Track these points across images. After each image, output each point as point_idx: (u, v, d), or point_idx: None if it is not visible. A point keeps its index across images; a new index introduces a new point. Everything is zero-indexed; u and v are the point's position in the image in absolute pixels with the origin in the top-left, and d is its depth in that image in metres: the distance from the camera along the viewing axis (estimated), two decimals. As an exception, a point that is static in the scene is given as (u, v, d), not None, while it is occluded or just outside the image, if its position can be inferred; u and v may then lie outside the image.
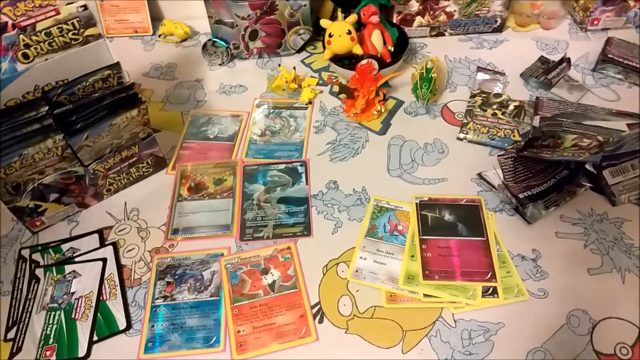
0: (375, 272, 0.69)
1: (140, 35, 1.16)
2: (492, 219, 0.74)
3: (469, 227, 0.71)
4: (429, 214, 0.73)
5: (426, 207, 0.74)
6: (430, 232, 0.71)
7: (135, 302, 0.68)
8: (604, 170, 0.74)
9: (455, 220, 0.72)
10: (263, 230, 0.75)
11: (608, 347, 0.61)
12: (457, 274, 0.66)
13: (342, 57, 0.97)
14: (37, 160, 0.67)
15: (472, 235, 0.70)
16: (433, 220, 0.72)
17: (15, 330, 0.65)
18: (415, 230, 0.72)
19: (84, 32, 0.72)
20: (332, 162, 0.85)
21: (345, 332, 0.64)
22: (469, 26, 1.09)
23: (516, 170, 0.76)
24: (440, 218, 0.73)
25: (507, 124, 0.87)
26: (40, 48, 0.70)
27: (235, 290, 0.68)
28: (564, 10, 1.10)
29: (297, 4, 1.00)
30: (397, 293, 0.66)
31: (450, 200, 0.75)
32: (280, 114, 0.94)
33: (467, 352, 0.61)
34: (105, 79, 0.71)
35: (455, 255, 0.68)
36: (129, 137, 0.76)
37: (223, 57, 1.05)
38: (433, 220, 0.72)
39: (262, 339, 0.63)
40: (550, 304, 0.65)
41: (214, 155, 0.87)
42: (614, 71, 0.97)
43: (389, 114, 0.93)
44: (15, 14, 0.68)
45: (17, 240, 0.76)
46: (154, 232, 0.76)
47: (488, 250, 0.69)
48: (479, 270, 0.67)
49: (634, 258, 0.69)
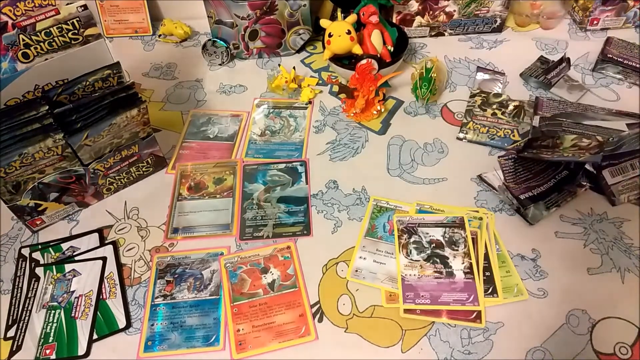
0: (374, 272, 0.69)
1: (140, 35, 1.16)
2: (491, 219, 0.74)
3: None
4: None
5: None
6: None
7: (135, 300, 0.68)
8: (604, 170, 0.74)
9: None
10: (263, 230, 0.75)
11: (607, 346, 0.61)
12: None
13: (342, 57, 0.97)
14: (37, 159, 0.67)
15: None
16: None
17: (15, 329, 0.65)
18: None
19: (84, 32, 0.72)
20: (331, 161, 0.85)
21: (345, 331, 0.64)
22: (468, 26, 1.09)
23: (516, 171, 0.76)
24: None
25: (507, 124, 0.87)
26: (40, 48, 0.70)
27: (235, 289, 0.68)
28: (563, 10, 1.11)
29: (296, 4, 1.00)
30: (397, 292, 0.66)
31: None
32: (280, 114, 0.95)
33: (466, 352, 0.61)
34: (105, 78, 0.71)
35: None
36: (129, 137, 0.76)
37: (223, 57, 1.05)
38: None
39: (261, 337, 0.64)
40: (549, 304, 0.65)
41: (213, 154, 0.87)
42: (614, 71, 0.97)
43: (388, 114, 0.93)
44: (15, 13, 0.68)
45: (17, 239, 0.76)
46: (153, 231, 0.76)
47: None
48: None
49: (633, 258, 0.69)
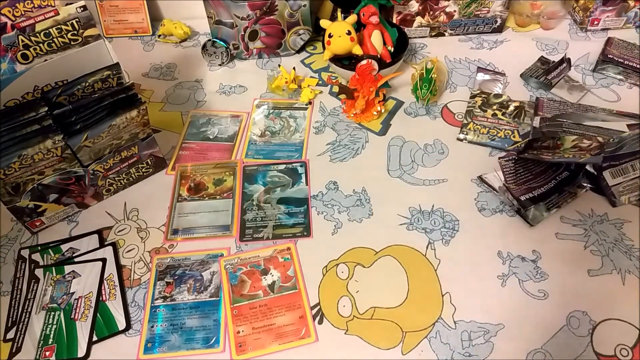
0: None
1: (139, 36, 1.16)
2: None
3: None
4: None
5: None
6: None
7: (135, 302, 0.68)
8: (604, 171, 0.74)
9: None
10: (263, 231, 0.75)
11: (608, 348, 0.61)
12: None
13: (342, 58, 0.97)
14: (36, 160, 0.67)
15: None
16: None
17: (14, 331, 0.65)
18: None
19: (83, 33, 0.72)
20: (332, 162, 0.85)
21: (345, 333, 0.64)
22: (469, 26, 1.08)
23: (517, 172, 0.76)
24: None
25: (507, 125, 0.87)
26: (40, 49, 0.70)
27: (235, 291, 0.68)
28: (564, 10, 1.10)
29: (296, 4, 1.00)
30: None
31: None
32: (280, 115, 0.94)
33: (466, 354, 0.61)
34: (104, 79, 0.71)
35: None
36: (128, 138, 0.76)
37: (223, 57, 1.05)
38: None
39: (261, 339, 0.63)
40: (550, 305, 0.65)
41: (213, 155, 0.87)
42: (614, 71, 0.96)
43: (388, 115, 0.93)
44: (15, 14, 0.68)
45: (17, 240, 0.76)
46: (153, 232, 0.76)
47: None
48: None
49: (634, 259, 0.69)
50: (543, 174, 0.77)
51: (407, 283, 0.68)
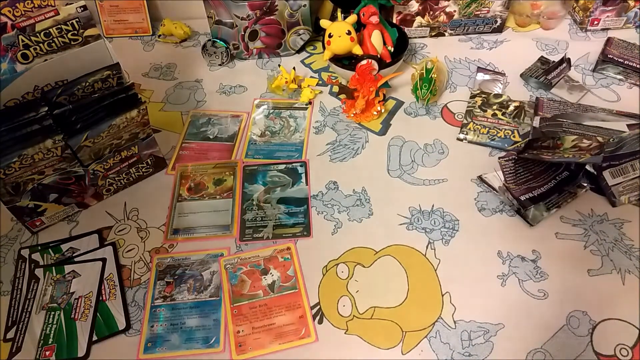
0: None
1: (139, 36, 1.16)
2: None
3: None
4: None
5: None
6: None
7: (135, 302, 0.68)
8: (604, 171, 0.74)
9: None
10: (263, 231, 0.75)
11: (608, 348, 0.61)
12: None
13: (342, 58, 0.97)
14: (36, 160, 0.67)
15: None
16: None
17: (14, 330, 0.65)
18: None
19: (83, 33, 0.72)
20: (332, 162, 0.85)
21: (345, 332, 0.64)
22: (469, 26, 1.08)
23: (517, 172, 0.76)
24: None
25: (507, 125, 0.87)
26: (40, 48, 0.70)
27: (235, 291, 0.68)
28: (564, 10, 1.10)
29: (296, 4, 1.00)
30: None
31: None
32: (280, 115, 0.94)
33: (466, 353, 0.61)
34: (104, 79, 0.71)
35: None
36: (128, 138, 0.76)
37: (223, 57, 1.05)
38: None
39: (261, 339, 0.63)
40: (550, 305, 0.65)
41: (213, 155, 0.87)
42: (614, 71, 0.96)
43: (388, 115, 0.93)
44: (15, 14, 0.68)
45: (17, 240, 0.76)
46: (153, 232, 0.76)
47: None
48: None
49: (634, 259, 0.69)
50: (543, 173, 0.77)
51: (407, 283, 0.68)
